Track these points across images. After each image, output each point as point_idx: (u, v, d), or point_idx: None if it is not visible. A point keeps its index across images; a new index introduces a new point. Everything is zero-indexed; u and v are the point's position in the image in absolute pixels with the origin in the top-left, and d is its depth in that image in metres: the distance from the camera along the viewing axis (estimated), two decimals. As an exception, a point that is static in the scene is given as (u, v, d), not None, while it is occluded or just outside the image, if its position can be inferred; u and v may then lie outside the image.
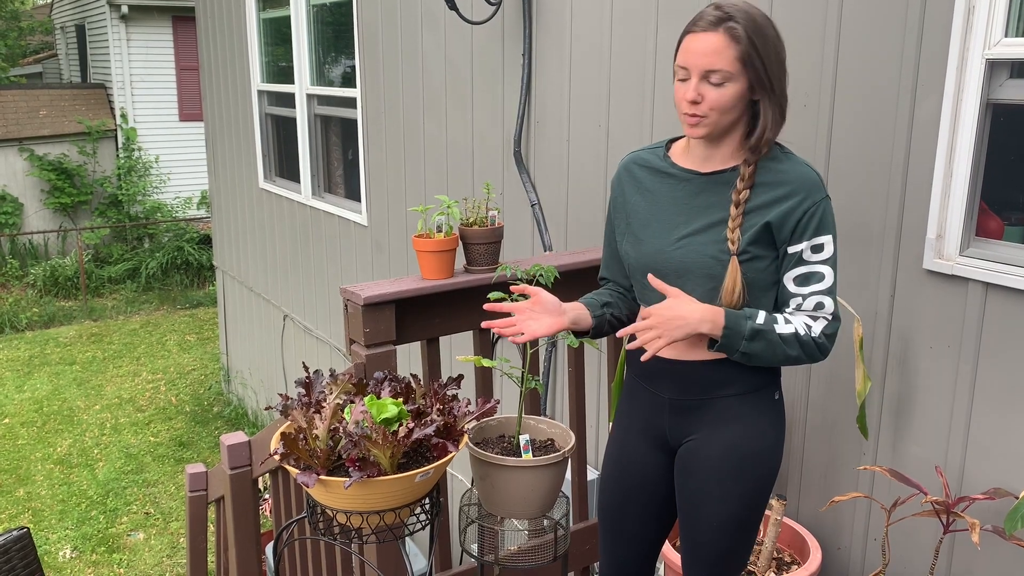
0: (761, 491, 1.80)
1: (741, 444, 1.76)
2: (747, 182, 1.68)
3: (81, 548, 5.72)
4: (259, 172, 6.55)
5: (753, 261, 1.68)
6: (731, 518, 1.79)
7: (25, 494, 6.42)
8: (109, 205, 12.44)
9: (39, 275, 11.13)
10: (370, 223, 4.99)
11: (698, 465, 1.80)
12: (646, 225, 1.80)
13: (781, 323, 1.68)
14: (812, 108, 2.44)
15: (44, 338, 9.86)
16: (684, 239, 1.73)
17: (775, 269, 1.71)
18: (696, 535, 1.83)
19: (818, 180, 1.68)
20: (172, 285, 11.68)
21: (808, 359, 1.70)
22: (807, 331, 1.68)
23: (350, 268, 5.33)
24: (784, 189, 1.67)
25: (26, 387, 8.39)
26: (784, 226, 1.66)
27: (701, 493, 1.80)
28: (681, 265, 1.73)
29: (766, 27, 1.63)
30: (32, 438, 7.33)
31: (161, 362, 9.17)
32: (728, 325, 1.67)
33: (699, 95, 1.63)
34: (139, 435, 7.44)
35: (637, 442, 1.91)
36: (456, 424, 1.74)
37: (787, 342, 1.67)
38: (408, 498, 1.70)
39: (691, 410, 1.80)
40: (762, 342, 1.67)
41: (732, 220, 1.68)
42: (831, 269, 1.69)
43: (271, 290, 6.76)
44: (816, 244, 1.67)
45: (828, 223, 1.68)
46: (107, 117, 12.65)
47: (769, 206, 1.66)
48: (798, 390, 2.59)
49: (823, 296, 1.69)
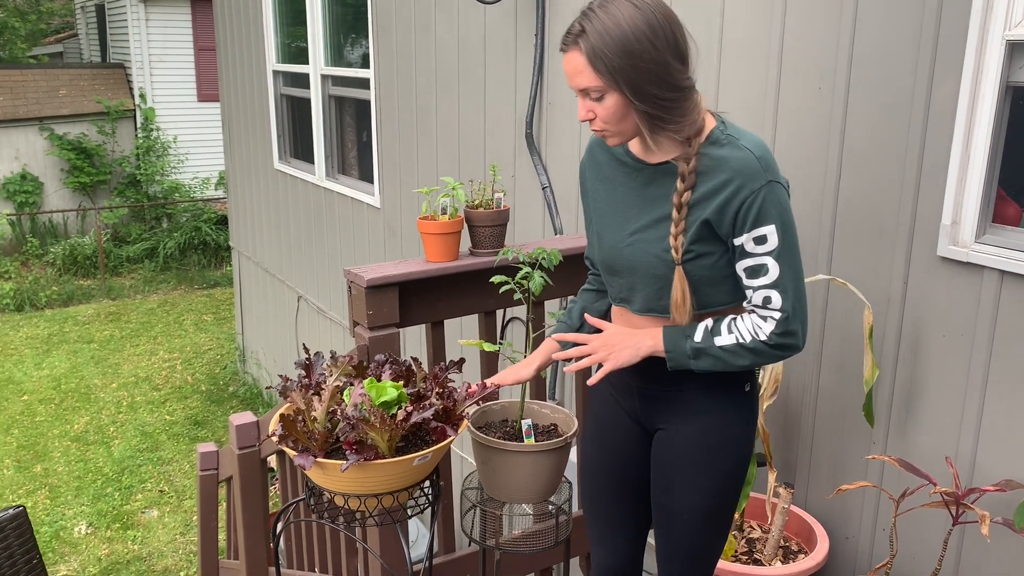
0: (730, 484, 1.76)
1: (707, 436, 1.73)
2: (687, 182, 1.57)
3: (96, 524, 5.78)
4: (274, 153, 6.55)
5: (700, 259, 1.61)
6: (699, 511, 1.75)
7: (42, 470, 6.49)
8: (128, 185, 12.50)
9: (58, 254, 11.21)
10: (383, 205, 4.97)
11: (665, 457, 1.77)
12: (604, 216, 1.75)
13: (723, 334, 1.61)
14: (827, 91, 2.39)
15: (63, 316, 9.94)
16: (635, 235, 1.67)
17: (728, 260, 1.62)
18: (665, 528, 1.81)
19: (757, 165, 1.53)
20: (190, 265, 11.73)
21: (769, 362, 1.64)
22: (754, 336, 1.59)
23: (363, 250, 5.32)
24: (720, 178, 1.55)
25: (45, 365, 8.47)
26: (723, 221, 1.56)
27: (669, 485, 1.77)
28: (630, 264, 1.69)
29: (625, 32, 1.48)
30: (50, 415, 7.40)
31: (178, 341, 9.23)
32: (668, 348, 1.64)
33: (590, 112, 1.57)
34: (155, 413, 7.50)
35: (616, 418, 1.87)
36: (456, 408, 1.72)
37: (733, 353, 1.61)
38: (406, 482, 1.68)
39: (658, 399, 1.77)
40: (708, 358, 1.62)
41: (675, 225, 1.59)
42: (778, 261, 1.55)
43: (285, 271, 6.77)
44: (758, 236, 1.55)
45: (770, 212, 1.53)
46: (126, 97, 12.70)
47: (707, 200, 1.56)
48: (808, 376, 2.56)
49: (770, 291, 1.57)
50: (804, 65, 2.45)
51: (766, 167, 1.54)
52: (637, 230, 1.67)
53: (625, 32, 1.48)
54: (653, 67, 1.49)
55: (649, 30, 1.48)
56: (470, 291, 2.27)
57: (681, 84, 1.53)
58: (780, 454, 2.67)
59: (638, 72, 1.49)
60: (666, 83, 1.51)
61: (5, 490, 6.17)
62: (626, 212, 1.69)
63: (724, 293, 1.65)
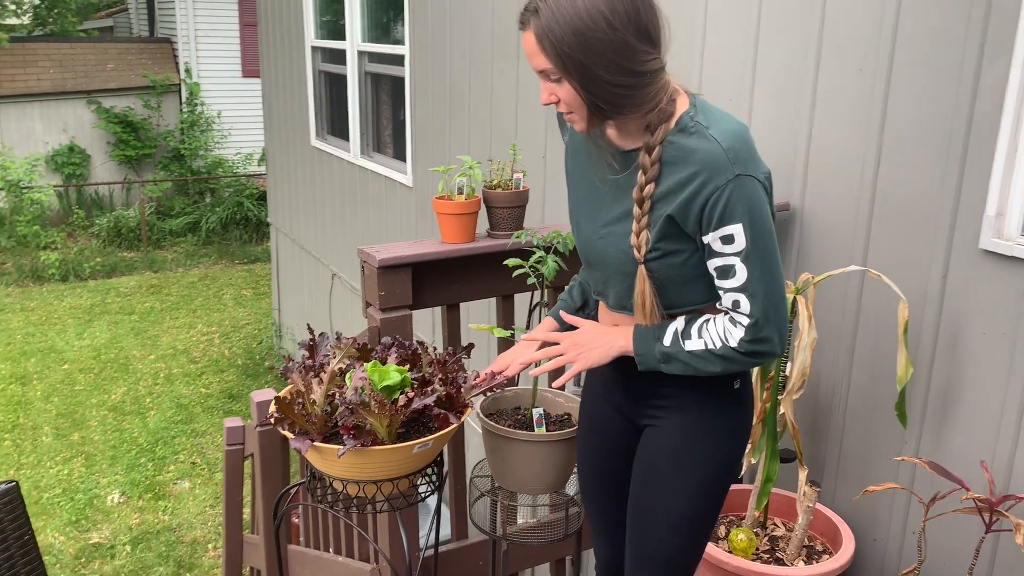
0: (711, 487, 1.65)
1: (690, 436, 1.62)
2: (649, 174, 1.45)
3: (129, 493, 5.86)
4: (311, 130, 6.54)
5: (666, 258, 1.49)
6: (674, 513, 1.64)
7: (79, 438, 6.60)
8: (172, 159, 12.64)
9: (103, 226, 11.39)
10: (415, 184, 4.92)
11: (645, 454, 1.68)
12: (580, 204, 1.64)
13: (693, 338, 1.51)
14: (867, 73, 2.27)
15: (106, 287, 10.10)
16: (606, 227, 1.57)
17: (700, 259, 1.49)
18: (637, 529, 1.70)
19: (723, 157, 1.39)
20: (231, 240, 11.84)
21: (742, 368, 1.52)
22: (724, 341, 1.48)
23: (395, 229, 5.29)
24: (686, 171, 1.42)
25: (86, 334, 8.62)
26: (687, 217, 1.44)
27: (645, 484, 1.67)
28: (601, 258, 1.59)
29: (579, 10, 1.35)
30: (89, 384, 7.53)
31: (217, 315, 9.32)
32: (638, 351, 1.55)
33: (552, 95, 1.45)
34: (191, 386, 7.59)
35: (605, 410, 1.78)
36: (460, 396, 1.66)
37: (702, 358, 1.50)
38: (407, 468, 1.63)
39: (643, 395, 1.66)
40: (678, 363, 1.52)
41: (636, 222, 1.48)
42: (746, 264, 1.42)
43: (320, 248, 6.78)
44: (724, 235, 1.42)
45: (736, 209, 1.40)
46: (172, 72, 12.81)
47: (672, 194, 1.44)
48: (839, 372, 2.45)
49: (738, 294, 1.45)
50: (845, 45, 2.33)
51: (735, 159, 1.40)
52: (608, 222, 1.56)
53: (579, 10, 1.35)
54: (609, 50, 1.36)
55: (607, 7, 1.35)
56: (486, 274, 2.21)
57: (642, 68, 1.39)
58: (807, 451, 2.57)
59: (589, 55, 1.36)
60: (623, 68, 1.38)
61: (43, 456, 6.29)
62: (600, 201, 1.59)
63: (698, 292, 1.54)
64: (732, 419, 1.64)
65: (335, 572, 2.65)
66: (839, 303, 2.41)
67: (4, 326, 8.76)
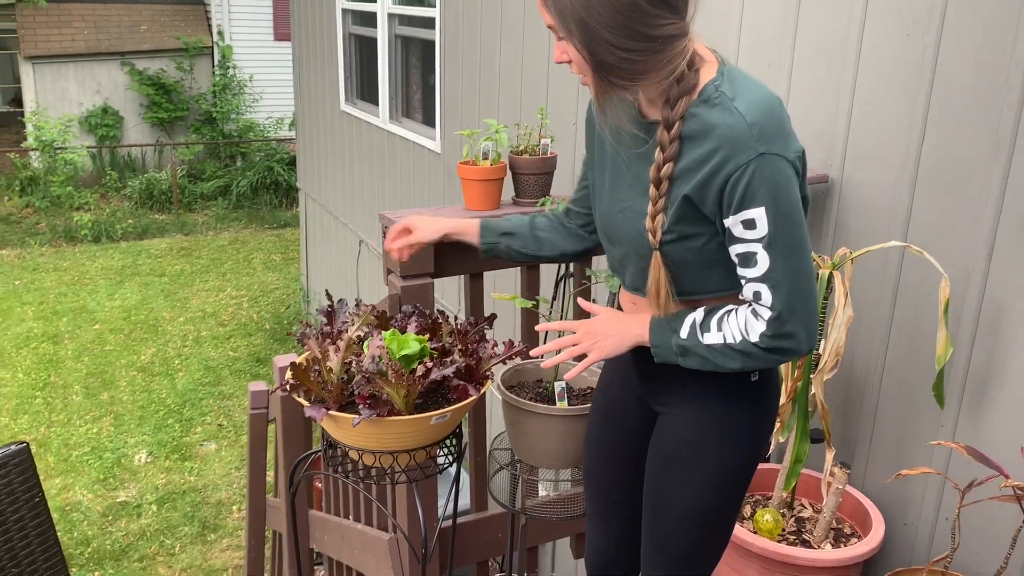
0: (729, 481, 1.55)
1: (704, 427, 1.53)
2: (668, 152, 1.34)
3: (156, 453, 5.93)
4: (341, 94, 6.48)
5: (683, 241, 1.39)
6: (689, 508, 1.56)
7: (108, 398, 6.68)
8: (204, 122, 12.67)
9: (136, 188, 11.46)
10: (443, 150, 4.86)
11: (659, 443, 1.59)
12: (604, 175, 1.54)
13: (712, 331, 1.40)
14: (916, 38, 2.16)
15: (137, 249, 10.18)
16: (625, 201, 1.47)
17: (720, 243, 1.37)
18: (652, 522, 1.62)
19: (747, 133, 1.27)
20: (261, 204, 11.87)
21: (765, 366, 1.42)
22: (744, 336, 1.37)
23: (423, 196, 5.23)
24: (706, 147, 1.30)
25: (117, 295, 8.70)
26: (706, 198, 1.32)
27: (660, 475, 1.59)
28: (619, 235, 1.50)
29: None
30: (119, 345, 7.60)
31: (246, 279, 9.37)
32: (654, 342, 1.46)
33: (563, 53, 1.35)
34: (219, 349, 7.64)
35: (621, 392, 1.70)
36: (480, 366, 1.61)
37: (721, 353, 1.40)
38: (424, 440, 1.59)
39: (657, 379, 1.57)
40: (695, 357, 1.42)
41: (652, 203, 1.38)
42: (768, 251, 1.31)
43: (348, 214, 6.75)
44: (746, 219, 1.30)
45: (759, 192, 1.27)
46: (204, 34, 12.79)
47: (691, 171, 1.33)
48: (874, 351, 2.37)
49: (759, 284, 1.34)
50: (892, 8, 2.22)
51: (759, 136, 1.27)
52: (627, 197, 1.46)
53: None
54: (613, 10, 1.23)
55: None
56: (512, 242, 2.14)
57: (654, 33, 1.26)
58: (838, 431, 2.50)
59: (591, 13, 1.24)
60: (630, 31, 1.25)
61: (73, 415, 6.38)
62: (623, 174, 1.47)
63: (718, 279, 1.43)
64: (752, 411, 1.54)
65: (353, 539, 2.63)
66: (877, 279, 2.32)
67: (37, 285, 8.87)
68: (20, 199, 11.20)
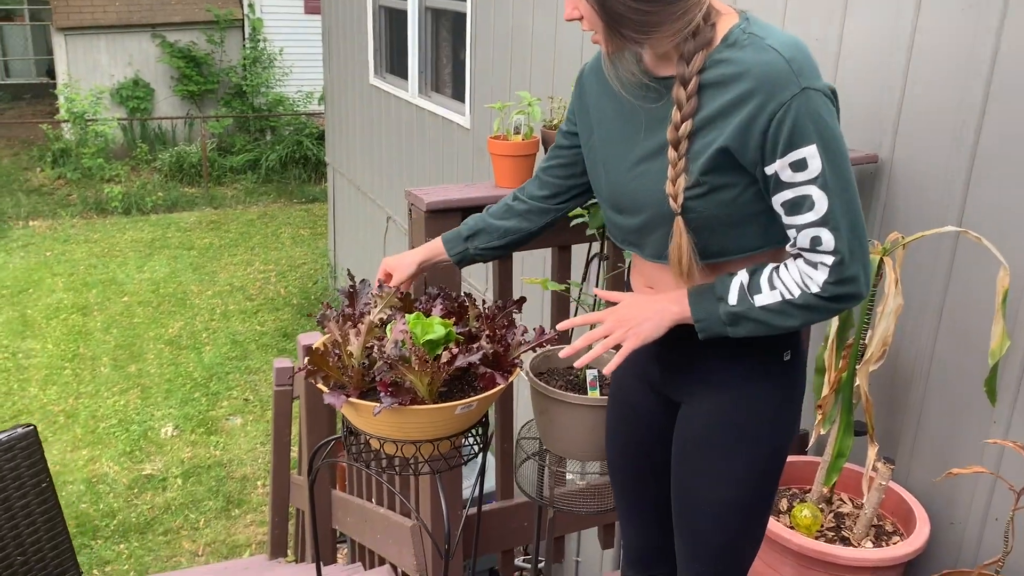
0: (761, 473, 1.46)
1: (732, 415, 1.43)
2: (685, 110, 1.26)
3: (182, 427, 5.93)
4: (370, 67, 6.39)
5: (713, 194, 1.29)
6: (720, 503, 1.47)
7: (136, 370, 6.70)
8: (234, 95, 12.64)
9: (166, 160, 11.48)
10: (473, 126, 4.75)
11: (683, 437, 1.49)
12: (609, 141, 1.43)
13: (764, 290, 1.30)
14: (977, 10, 2.03)
15: (167, 222, 10.21)
16: (639, 165, 1.37)
17: (755, 194, 1.29)
18: (683, 521, 1.53)
19: (787, 68, 1.20)
20: (290, 179, 11.85)
21: (825, 318, 1.32)
22: (803, 289, 1.28)
23: (451, 172, 5.14)
24: (739, 89, 1.22)
25: (146, 268, 8.72)
26: (746, 145, 1.23)
27: (686, 471, 1.50)
28: (634, 201, 1.38)
29: None
30: (147, 317, 7.62)
31: (274, 254, 9.36)
32: (698, 316, 1.34)
33: (575, 8, 1.27)
34: (246, 323, 7.64)
35: (636, 384, 1.60)
36: (508, 354, 1.52)
37: (779, 312, 1.29)
38: (448, 430, 1.51)
39: (678, 367, 1.48)
40: (749, 323, 1.31)
41: (671, 166, 1.28)
42: (825, 191, 1.22)
43: (376, 190, 6.68)
44: (795, 160, 1.22)
45: (808, 128, 1.20)
46: (235, 7, 12.73)
47: (722, 119, 1.24)
48: (923, 341, 2.25)
49: (818, 229, 1.24)
50: (953, -22, 2.08)
51: (800, 71, 1.20)
52: (642, 158, 1.36)
53: None
54: None
55: None
56: (543, 222, 2.05)
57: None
58: (880, 424, 2.38)
59: None
60: None
61: (101, 387, 6.40)
62: (633, 136, 1.37)
63: (752, 236, 1.33)
64: (780, 396, 1.44)
65: (376, 523, 2.57)
66: (928, 266, 2.20)
67: (68, 257, 8.91)
68: (52, 171, 11.27)
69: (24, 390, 6.29)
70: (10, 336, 7.11)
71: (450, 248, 1.67)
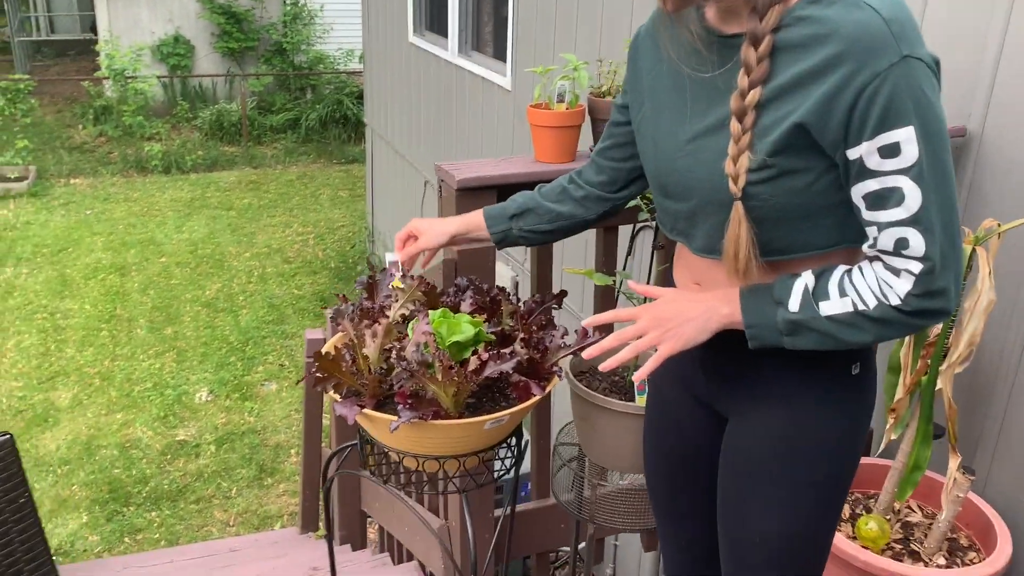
0: (824, 498, 1.26)
1: (788, 435, 1.23)
2: (755, 74, 1.05)
3: (217, 392, 5.86)
4: (409, 24, 6.16)
5: (783, 179, 1.08)
6: (775, 536, 1.27)
7: (172, 333, 6.64)
8: (274, 53, 12.46)
9: (206, 119, 11.37)
10: (514, 88, 4.52)
11: (732, 459, 1.30)
12: (660, 113, 1.23)
13: (832, 296, 1.09)
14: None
15: (206, 181, 10.12)
16: (694, 141, 1.16)
17: (833, 182, 1.08)
18: (731, 555, 1.33)
19: (885, 31, 0.99)
20: (330, 139, 11.69)
21: (902, 335, 1.13)
22: (881, 299, 1.07)
23: (491, 138, 4.92)
24: (821, 54, 1.01)
25: (184, 228, 8.66)
26: (827, 122, 1.03)
27: (735, 498, 1.30)
28: (685, 183, 1.18)
29: None
30: (185, 279, 7.56)
31: (312, 215, 9.23)
32: (751, 320, 1.13)
33: None
34: (283, 286, 7.54)
35: (677, 392, 1.40)
36: (545, 359, 1.33)
37: (849, 325, 1.08)
38: (475, 445, 1.33)
39: (726, 375, 1.28)
40: (811, 334, 1.10)
41: (734, 142, 1.08)
42: (919, 184, 1.01)
43: (414, 153, 6.49)
44: (887, 144, 1.01)
45: (907, 107, 0.99)
46: (276, -39, 12.51)
47: (800, 88, 1.04)
48: (1007, 340, 2.02)
49: (905, 229, 1.03)
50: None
51: (900, 34, 0.99)
52: (697, 134, 1.15)
53: None
54: None
55: None
56: (588, 201, 1.84)
57: None
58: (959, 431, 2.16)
59: None
60: None
61: (137, 349, 6.36)
62: (687, 108, 1.16)
63: (824, 231, 1.13)
64: (846, 415, 1.24)
65: (404, 517, 2.42)
66: (1019, 258, 1.96)
67: (108, 216, 8.88)
68: (94, 128, 11.24)
69: (61, 351, 6.27)
70: (49, 296, 7.10)
71: (492, 224, 1.48)
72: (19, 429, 5.29)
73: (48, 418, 5.45)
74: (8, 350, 6.26)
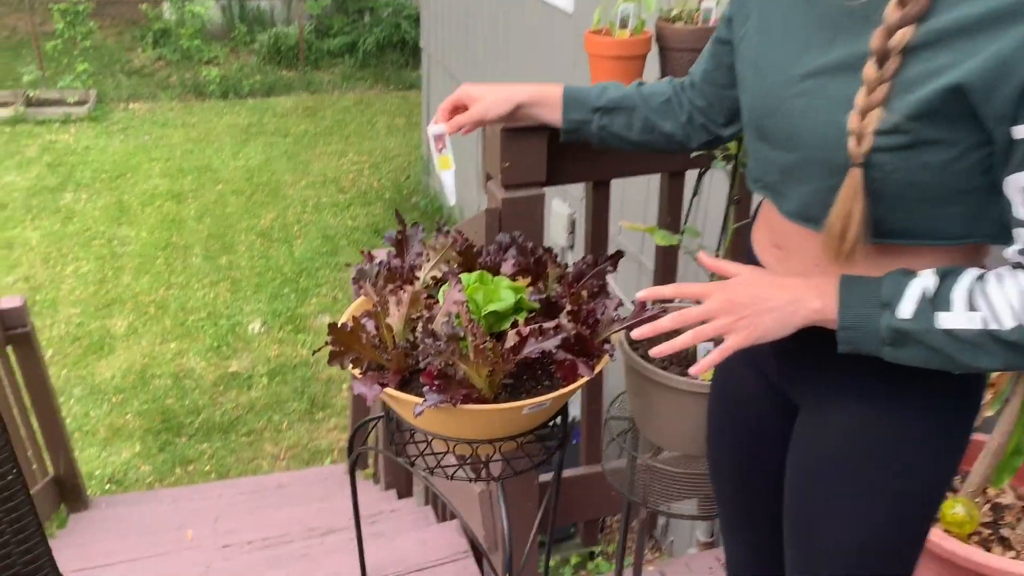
0: (910, 512, 1.06)
1: (876, 435, 1.02)
2: (912, 7, 0.82)
3: (270, 323, 5.83)
4: (467, -57, 5.86)
5: (922, 149, 0.86)
6: (853, 549, 1.08)
7: (227, 262, 6.61)
8: (332, -26, 12.18)
9: (264, 43, 11.21)
10: (575, 11, 4.23)
11: (804, 458, 1.10)
12: (769, 34, 1.00)
13: (956, 308, 0.87)
14: None
15: (263, 107, 10.01)
16: (811, 78, 0.94)
17: (979, 163, 0.86)
18: (803, 564, 1.14)
19: None
20: (387, 64, 11.44)
21: None
22: (1021, 321, 0.85)
23: (550, 69, 4.66)
24: (993, 2, 0.79)
25: (241, 155, 8.59)
26: (997, 91, 0.81)
27: (807, 504, 1.11)
28: (791, 127, 0.95)
29: None
30: (240, 207, 7.51)
31: (368, 144, 9.07)
32: (846, 321, 0.91)
33: None
34: (338, 217, 7.44)
35: (746, 371, 1.21)
36: (595, 335, 1.15)
37: (972, 345, 0.87)
38: (512, 429, 1.17)
39: (800, 361, 1.08)
40: (919, 348, 0.89)
41: (867, 91, 0.86)
42: None
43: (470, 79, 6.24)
44: None
45: None
46: None
47: (964, 38, 0.81)
48: None
49: None
50: None
51: None
52: (817, 71, 0.93)
53: None
54: None
55: None
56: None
57: None
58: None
59: None
60: None
61: (192, 278, 6.35)
62: (811, 36, 0.94)
63: (956, 220, 0.91)
64: (951, 413, 1.03)
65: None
66: None
67: (166, 141, 8.85)
68: (152, 51, 11.18)
69: (118, 279, 6.29)
70: (107, 222, 7.12)
71: (570, 109, 1.27)
72: (76, 356, 5.34)
73: (104, 346, 5.49)
74: (67, 276, 6.31)
